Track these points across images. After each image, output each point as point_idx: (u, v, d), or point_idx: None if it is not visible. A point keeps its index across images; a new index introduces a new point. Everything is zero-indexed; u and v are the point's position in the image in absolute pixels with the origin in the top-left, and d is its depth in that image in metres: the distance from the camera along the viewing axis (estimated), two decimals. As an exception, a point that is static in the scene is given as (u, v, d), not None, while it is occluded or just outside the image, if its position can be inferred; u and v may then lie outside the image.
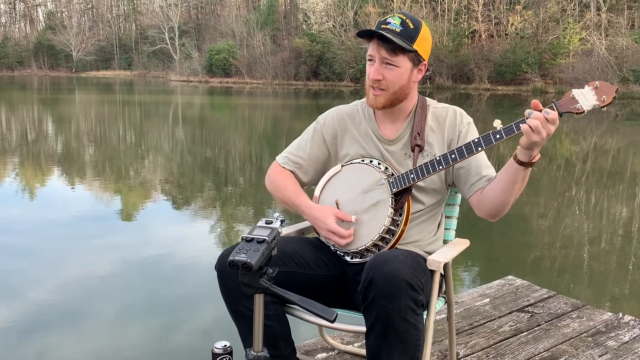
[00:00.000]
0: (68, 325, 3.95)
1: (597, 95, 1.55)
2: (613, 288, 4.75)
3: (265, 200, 8.10)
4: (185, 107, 28.02)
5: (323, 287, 1.83)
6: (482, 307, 2.83)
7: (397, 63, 1.73)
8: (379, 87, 1.77)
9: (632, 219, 7.01)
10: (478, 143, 1.65)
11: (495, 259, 5.47)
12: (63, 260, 5.28)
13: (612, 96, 1.54)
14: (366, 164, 1.87)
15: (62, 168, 10.60)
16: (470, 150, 1.66)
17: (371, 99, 1.81)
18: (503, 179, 1.67)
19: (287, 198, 1.92)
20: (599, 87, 1.55)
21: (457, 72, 40.84)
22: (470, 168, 1.79)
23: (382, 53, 1.72)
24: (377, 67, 1.75)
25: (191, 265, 5.21)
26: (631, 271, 5.13)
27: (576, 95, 1.56)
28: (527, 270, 5.16)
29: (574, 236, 6.24)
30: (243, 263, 1.18)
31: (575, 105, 1.55)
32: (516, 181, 1.63)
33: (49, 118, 21.50)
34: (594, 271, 5.13)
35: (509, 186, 1.65)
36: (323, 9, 50.26)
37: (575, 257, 5.50)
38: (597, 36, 35.78)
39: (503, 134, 1.60)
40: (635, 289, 4.72)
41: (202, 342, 3.63)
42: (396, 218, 1.79)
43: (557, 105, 1.55)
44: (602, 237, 6.26)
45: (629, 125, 19.54)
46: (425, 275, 1.61)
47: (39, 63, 75.15)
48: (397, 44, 1.69)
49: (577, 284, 4.81)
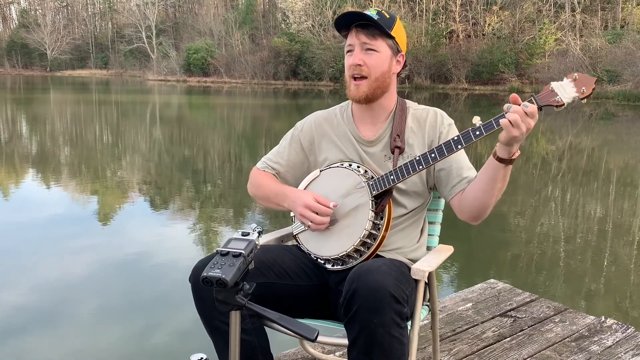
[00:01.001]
0: (44, 327, 3.88)
1: (577, 87, 1.50)
2: (590, 286, 4.78)
3: (245, 200, 8.02)
4: (163, 106, 27.68)
5: (304, 298, 1.76)
6: (464, 312, 2.79)
7: (377, 47, 1.73)
8: (360, 74, 1.74)
9: (607, 217, 7.09)
10: (458, 141, 1.59)
11: (475, 260, 5.46)
12: (39, 262, 5.19)
13: (591, 87, 1.50)
14: (345, 167, 1.82)
15: (37, 169, 10.37)
16: (450, 149, 1.61)
17: (353, 90, 1.77)
18: (483, 179, 1.62)
19: (269, 191, 1.89)
20: (577, 78, 1.51)
21: (435, 72, 41.13)
22: (451, 170, 1.75)
23: (362, 38, 1.72)
24: (358, 52, 1.73)
25: (169, 267, 5.16)
26: (606, 268, 5.17)
27: (555, 88, 1.51)
28: (507, 270, 5.17)
29: (550, 234, 6.27)
30: (217, 279, 1.10)
31: (555, 98, 1.50)
32: (496, 180, 1.58)
33: (22, 118, 21.02)
34: (571, 270, 5.15)
35: (489, 186, 1.61)
36: (302, 8, 50.16)
37: (553, 256, 5.53)
38: (572, 37, 36.37)
39: (482, 130, 1.54)
40: (611, 287, 4.75)
41: (179, 343, 3.63)
42: (377, 222, 1.73)
43: (536, 99, 1.50)
44: (576, 235, 6.31)
45: (603, 125, 19.84)
46: (409, 286, 1.56)
47: (12, 62, 73.68)
48: (377, 26, 1.70)
49: (554, 282, 4.82)
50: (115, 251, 5.61)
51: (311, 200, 1.75)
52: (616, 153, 13.41)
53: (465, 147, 1.62)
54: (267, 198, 1.92)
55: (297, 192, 1.83)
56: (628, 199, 8.25)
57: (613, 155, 13.07)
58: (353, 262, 1.74)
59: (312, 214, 1.74)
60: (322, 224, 1.75)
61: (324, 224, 1.75)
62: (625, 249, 5.79)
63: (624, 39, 31.85)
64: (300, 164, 1.95)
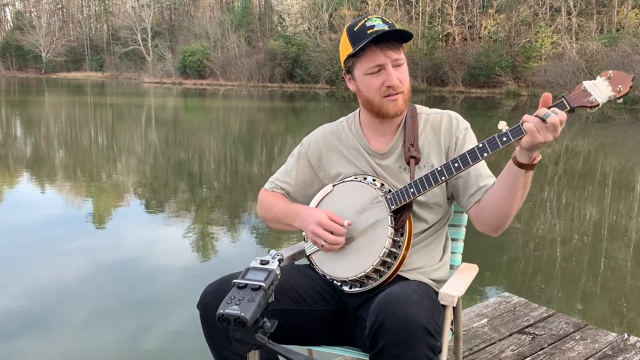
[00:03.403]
0: (36, 329, 3.83)
1: (612, 86, 1.37)
2: (607, 299, 4.66)
3: (240, 203, 7.91)
4: (159, 109, 27.49)
5: (321, 324, 1.63)
6: (480, 328, 2.67)
7: (403, 59, 1.64)
8: (396, 92, 1.63)
9: (624, 226, 6.97)
10: (483, 148, 1.45)
11: (485, 269, 5.35)
12: (32, 264, 5.13)
13: (628, 85, 1.37)
14: (359, 181, 1.69)
15: (31, 171, 10.22)
16: (475, 157, 1.47)
17: (391, 107, 1.64)
18: (502, 186, 1.50)
19: (279, 211, 1.77)
20: (612, 76, 1.38)
21: (432, 74, 41.12)
22: (470, 178, 1.63)
23: (391, 55, 1.60)
24: (392, 71, 1.60)
25: (163, 269, 5.12)
26: (602, 273, 5.06)
27: (588, 88, 1.38)
28: (519, 281, 5.05)
29: (547, 238, 6.17)
30: (236, 318, 0.97)
31: (589, 99, 1.37)
32: (517, 187, 1.46)
33: (17, 120, 20.82)
34: (585, 282, 5.04)
35: (509, 193, 1.48)
36: (298, 11, 50.08)
37: (568, 268, 5.41)
38: (568, 40, 36.40)
39: (510, 135, 1.41)
40: (630, 301, 4.63)
41: (173, 345, 3.59)
42: (397, 239, 1.61)
43: (567, 100, 1.38)
44: (574, 238, 6.20)
45: (600, 128, 19.80)
46: (441, 316, 1.43)
47: (6, 64, 73.21)
48: (402, 33, 1.59)
49: (570, 295, 4.70)
50: (109, 253, 5.54)
51: (324, 218, 1.62)
52: (613, 156, 13.37)
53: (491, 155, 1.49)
54: (277, 219, 1.79)
55: (308, 209, 1.71)
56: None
57: (609, 158, 13.02)
58: (373, 283, 1.62)
59: (325, 233, 1.61)
60: (337, 244, 1.62)
61: (338, 244, 1.62)
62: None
63: (619, 42, 31.90)
64: (310, 182, 1.83)
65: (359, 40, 1.58)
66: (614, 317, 4.25)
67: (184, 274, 5.00)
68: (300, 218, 1.69)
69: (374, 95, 1.64)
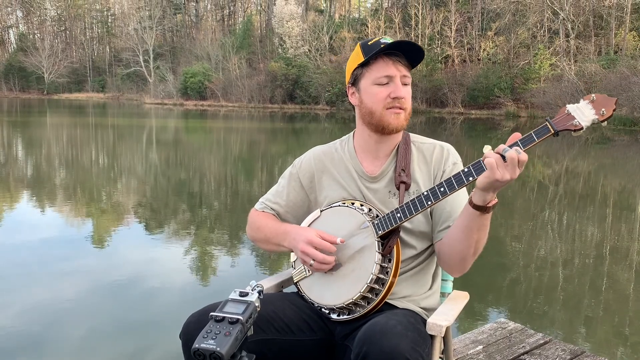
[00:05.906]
0: (33, 349, 3.81)
1: (595, 109, 1.38)
2: (600, 324, 4.61)
3: (241, 223, 7.87)
4: (160, 130, 27.60)
5: (307, 354, 1.60)
6: (475, 355, 2.62)
7: (410, 79, 1.67)
8: (400, 107, 1.64)
9: (625, 248, 6.93)
10: (468, 172, 1.44)
11: (484, 291, 5.30)
12: (29, 284, 5.11)
13: (611, 108, 1.37)
14: (347, 206, 1.68)
15: (32, 191, 10.21)
16: (461, 181, 1.46)
17: (392, 119, 1.64)
18: (459, 225, 1.50)
19: (269, 231, 1.76)
20: (595, 100, 1.39)
21: (431, 96, 41.34)
22: (443, 213, 1.63)
23: (402, 70, 1.64)
24: (399, 85, 1.63)
25: (162, 290, 5.09)
26: (603, 296, 5.01)
27: (572, 111, 1.38)
28: (519, 304, 5.00)
29: (548, 259, 6.12)
30: (211, 353, 0.95)
31: (572, 122, 1.37)
32: (472, 229, 1.45)
33: (19, 141, 20.90)
34: (580, 305, 4.99)
35: (464, 234, 1.48)
36: (298, 33, 50.60)
37: (564, 292, 5.36)
38: (567, 62, 36.64)
39: (472, 170, 1.43)
40: (619, 322, 4.58)
41: None
42: (385, 265, 1.59)
43: (551, 124, 1.37)
44: (575, 259, 6.15)
45: (600, 149, 19.83)
46: (426, 346, 1.40)
47: (9, 85, 73.72)
48: (416, 47, 1.62)
49: (567, 321, 4.65)
50: (108, 274, 5.51)
51: (314, 236, 1.61)
52: (613, 177, 13.36)
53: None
54: (267, 239, 1.77)
55: (298, 228, 1.70)
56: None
57: (609, 179, 13.00)
58: (361, 310, 1.59)
59: (314, 251, 1.59)
60: (326, 263, 1.60)
61: (328, 263, 1.60)
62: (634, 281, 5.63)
63: (618, 64, 32.10)
64: (300, 204, 1.82)
65: (372, 50, 1.61)
66: (615, 340, 4.20)
67: (183, 296, 4.96)
68: (290, 237, 1.68)
69: (377, 106, 1.64)
